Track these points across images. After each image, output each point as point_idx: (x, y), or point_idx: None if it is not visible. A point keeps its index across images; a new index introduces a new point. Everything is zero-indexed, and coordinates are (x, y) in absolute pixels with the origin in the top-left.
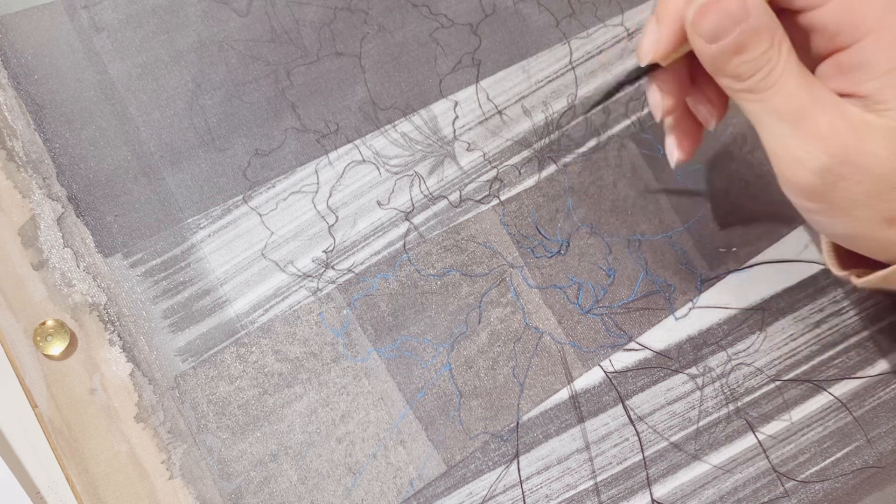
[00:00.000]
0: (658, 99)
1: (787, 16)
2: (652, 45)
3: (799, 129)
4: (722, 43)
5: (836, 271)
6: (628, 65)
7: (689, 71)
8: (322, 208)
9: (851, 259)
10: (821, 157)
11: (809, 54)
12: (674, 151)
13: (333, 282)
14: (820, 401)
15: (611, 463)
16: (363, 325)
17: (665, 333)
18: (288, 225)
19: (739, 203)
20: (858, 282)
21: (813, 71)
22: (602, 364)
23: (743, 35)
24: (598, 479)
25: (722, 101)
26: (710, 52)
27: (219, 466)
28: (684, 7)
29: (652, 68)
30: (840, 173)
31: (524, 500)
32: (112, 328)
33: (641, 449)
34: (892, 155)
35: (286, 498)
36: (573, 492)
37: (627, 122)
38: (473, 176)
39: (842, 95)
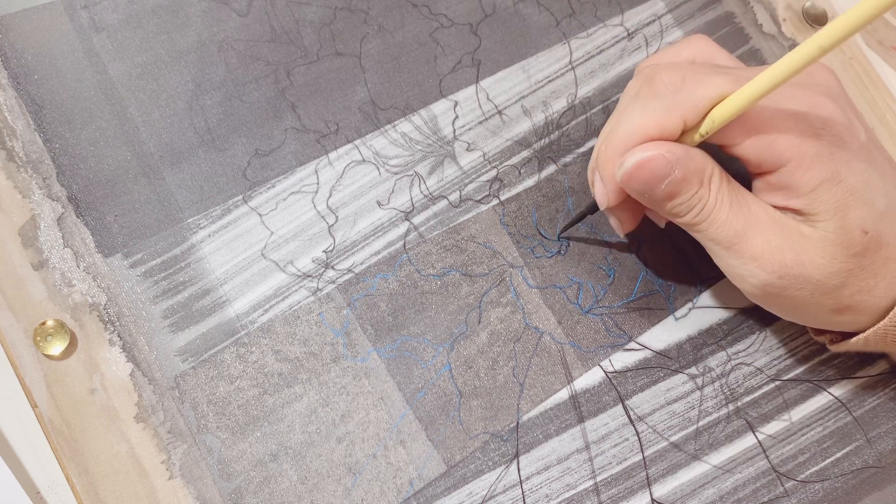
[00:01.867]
0: (617, 224)
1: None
2: (603, 199)
3: (735, 252)
4: (653, 195)
5: (813, 336)
6: (628, 64)
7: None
8: (322, 208)
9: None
10: (760, 275)
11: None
12: (618, 228)
13: (333, 282)
14: (820, 401)
15: (611, 463)
16: (363, 325)
17: (665, 333)
18: (288, 225)
19: None
20: (833, 348)
21: (751, 184)
22: (602, 364)
23: (670, 186)
24: (598, 479)
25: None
26: (645, 200)
27: (219, 466)
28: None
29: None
30: (780, 286)
31: (524, 500)
32: (112, 328)
33: (641, 449)
34: (829, 262)
35: (286, 498)
36: (573, 492)
37: None
38: (473, 176)
39: (777, 208)
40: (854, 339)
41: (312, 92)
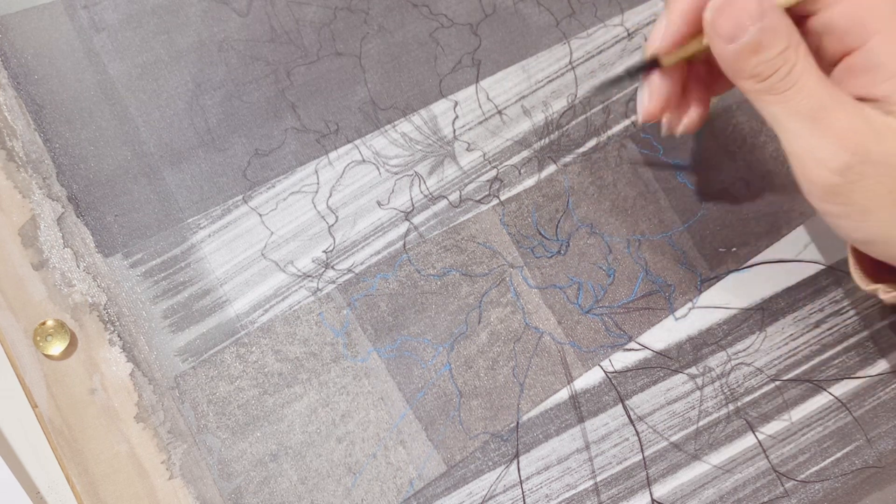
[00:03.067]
0: (646, 101)
1: (799, 22)
2: (661, 36)
3: (820, 127)
4: (741, 42)
5: (864, 286)
6: (628, 65)
7: (682, 82)
8: (322, 208)
9: (879, 274)
10: (842, 156)
11: (823, 62)
12: (646, 101)
13: (333, 282)
14: (820, 401)
15: (611, 463)
16: (363, 325)
17: (665, 333)
18: (288, 225)
19: (739, 203)
20: (886, 297)
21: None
22: (602, 364)
23: (761, 33)
24: (598, 478)
25: (701, 116)
26: (729, 51)
27: (219, 466)
28: (697, 3)
29: (652, 67)
30: (861, 172)
31: (524, 500)
32: (112, 328)
33: (641, 449)
34: None
35: (286, 498)
36: (573, 492)
37: (627, 122)
38: (473, 176)
39: (858, 99)
40: None
41: (312, 92)
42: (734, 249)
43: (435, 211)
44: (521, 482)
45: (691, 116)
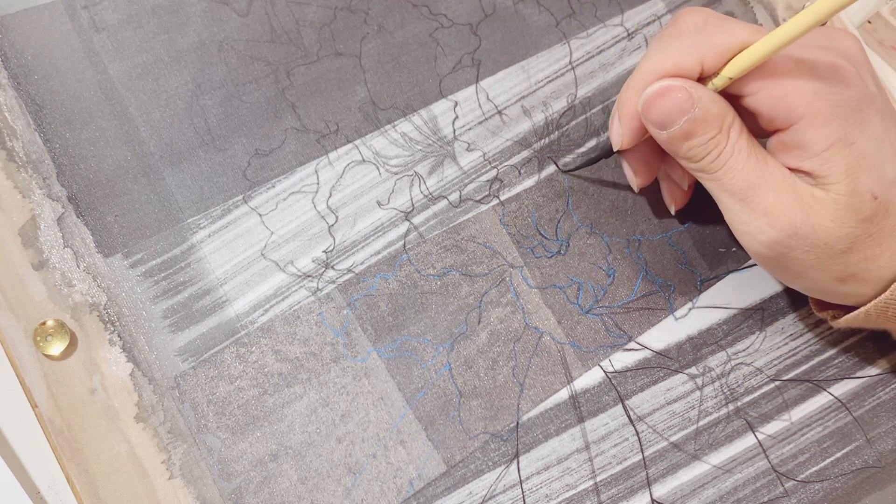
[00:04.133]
0: (631, 175)
1: (734, 99)
2: (617, 139)
3: (748, 205)
4: (671, 131)
5: (816, 312)
6: (628, 64)
7: (652, 148)
8: (322, 208)
9: (825, 304)
10: (769, 232)
11: (759, 131)
12: (633, 180)
13: (333, 282)
14: (820, 401)
15: (610, 463)
16: (363, 325)
17: (665, 333)
18: (288, 225)
19: None
20: (834, 323)
21: (764, 145)
22: (602, 364)
23: (690, 123)
24: (598, 478)
25: (684, 179)
26: (662, 137)
27: (219, 466)
28: (637, 103)
29: (619, 151)
30: (789, 245)
31: (524, 500)
32: (112, 328)
33: (641, 449)
34: (838, 225)
35: (286, 498)
36: (573, 492)
37: None
38: (473, 176)
39: (791, 170)
40: (855, 312)
41: (312, 92)
42: (734, 249)
43: (435, 211)
44: (521, 482)
45: (679, 184)
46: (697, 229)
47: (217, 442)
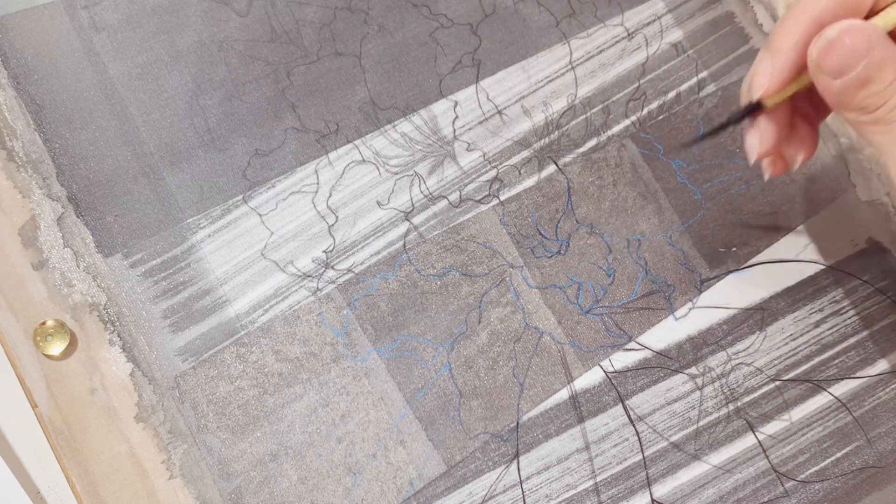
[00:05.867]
0: (756, 142)
1: None
2: (766, 78)
3: None
4: (847, 77)
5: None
6: (628, 64)
7: (790, 116)
8: (322, 208)
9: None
10: None
11: None
12: (757, 144)
13: (333, 282)
14: (820, 401)
15: (611, 463)
16: (363, 325)
17: (665, 333)
18: (288, 225)
19: (739, 203)
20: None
21: None
22: (602, 364)
23: (868, 68)
24: (598, 478)
25: (812, 144)
26: (835, 87)
27: (219, 466)
28: (801, 40)
29: (756, 110)
30: None
31: (524, 500)
32: (112, 328)
33: (641, 449)
34: None
35: (286, 498)
36: (573, 492)
37: (627, 122)
38: (473, 176)
39: None
40: None
41: (312, 92)
42: (734, 249)
43: (435, 211)
44: (521, 482)
45: (805, 148)
46: (697, 229)
47: (217, 442)
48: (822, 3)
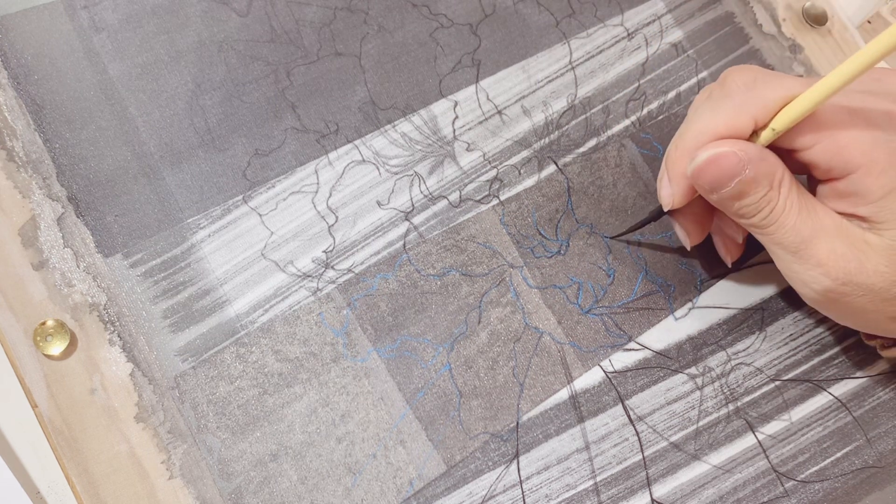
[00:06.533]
0: (683, 234)
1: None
2: (668, 200)
3: (801, 258)
4: (722, 193)
5: (864, 340)
6: (628, 64)
7: (704, 207)
8: (322, 208)
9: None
10: (823, 281)
11: (811, 180)
12: (685, 239)
13: (333, 282)
14: (820, 401)
15: (610, 463)
16: (363, 325)
17: (665, 333)
18: (288, 225)
19: None
20: (884, 353)
21: (815, 190)
22: (602, 364)
23: (740, 185)
24: (598, 478)
25: (739, 235)
26: (712, 199)
27: (219, 466)
28: (687, 165)
29: (667, 212)
30: (843, 292)
31: (524, 500)
32: (112, 328)
33: (641, 449)
34: (893, 269)
35: (286, 498)
36: (573, 492)
37: (627, 122)
38: (473, 176)
39: (842, 214)
40: None
41: (312, 92)
42: None
43: (435, 211)
44: (520, 482)
45: (732, 240)
46: None
47: (217, 442)
48: (701, 136)
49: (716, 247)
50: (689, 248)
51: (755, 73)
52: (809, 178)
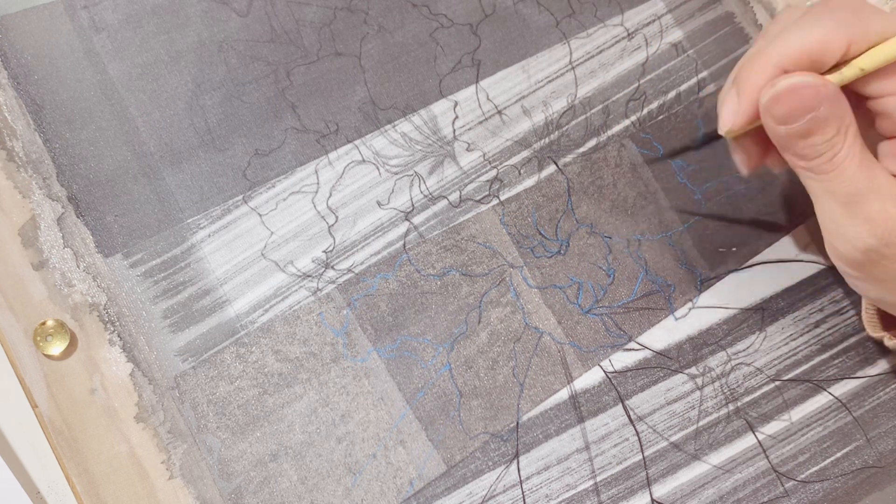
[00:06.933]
0: (742, 157)
1: (857, 97)
2: (731, 117)
3: (851, 211)
4: (791, 127)
5: (872, 332)
6: (628, 64)
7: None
8: (322, 208)
9: (889, 322)
10: (867, 239)
11: (873, 132)
12: (743, 164)
13: (333, 282)
14: (820, 401)
15: (610, 463)
16: (363, 325)
17: (665, 333)
18: (288, 225)
19: (739, 203)
20: (890, 344)
21: (876, 147)
22: (602, 364)
23: (811, 122)
24: (598, 478)
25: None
26: (780, 132)
27: (219, 466)
28: (763, 85)
29: (720, 137)
30: (884, 254)
31: (524, 500)
32: (112, 328)
33: (641, 449)
34: None
35: (286, 498)
36: (573, 492)
37: (627, 122)
38: (473, 176)
39: None
40: None
41: (312, 92)
42: (734, 249)
43: (435, 211)
44: (520, 482)
45: (772, 168)
46: (697, 229)
47: (217, 442)
48: (789, 50)
49: (734, 156)
50: (745, 174)
51: (862, 1)
52: (871, 133)
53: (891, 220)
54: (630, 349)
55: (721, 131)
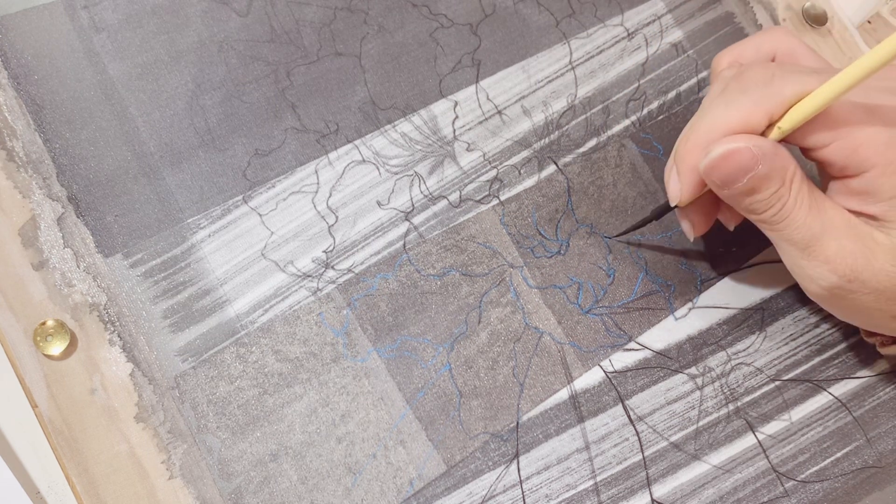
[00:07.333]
0: (689, 227)
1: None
2: (676, 194)
3: (810, 254)
4: (733, 188)
5: (865, 337)
6: (628, 64)
7: (711, 200)
8: (322, 208)
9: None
10: (829, 278)
11: (823, 175)
12: (690, 231)
13: (333, 282)
14: (820, 401)
15: (610, 463)
16: (363, 325)
17: (665, 333)
18: (288, 225)
19: None
20: (883, 350)
21: (826, 185)
22: (602, 364)
23: (753, 181)
24: (598, 478)
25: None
26: (723, 194)
27: (219, 466)
28: (697, 161)
29: (674, 208)
30: (849, 289)
31: (524, 500)
32: (112, 328)
33: (641, 449)
34: None
35: (286, 498)
36: (573, 492)
37: (627, 122)
38: (473, 176)
39: (852, 212)
40: None
41: (312, 92)
42: (734, 249)
43: (435, 211)
44: (521, 482)
45: (726, 226)
46: None
47: (217, 442)
48: (714, 130)
49: (682, 226)
50: (692, 240)
51: (773, 69)
52: (821, 172)
53: (849, 257)
54: (630, 349)
55: (671, 203)
